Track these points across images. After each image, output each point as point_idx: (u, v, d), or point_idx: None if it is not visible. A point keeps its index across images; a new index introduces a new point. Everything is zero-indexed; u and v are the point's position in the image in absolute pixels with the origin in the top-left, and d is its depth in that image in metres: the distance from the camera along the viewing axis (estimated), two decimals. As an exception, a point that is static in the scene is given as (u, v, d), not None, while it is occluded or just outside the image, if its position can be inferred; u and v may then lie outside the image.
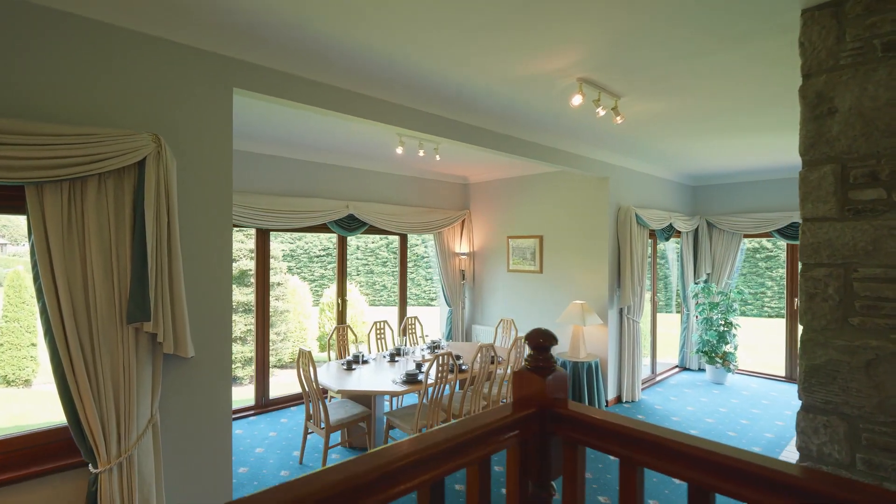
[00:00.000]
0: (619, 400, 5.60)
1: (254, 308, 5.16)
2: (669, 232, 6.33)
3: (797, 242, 6.30)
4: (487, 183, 6.82)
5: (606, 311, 5.38)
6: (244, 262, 9.87)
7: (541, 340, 0.91)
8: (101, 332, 2.03)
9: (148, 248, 2.07)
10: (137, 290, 2.05)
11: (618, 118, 3.35)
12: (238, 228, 5.34)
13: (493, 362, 4.31)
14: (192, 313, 2.37)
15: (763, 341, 10.98)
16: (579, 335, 5.28)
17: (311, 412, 3.85)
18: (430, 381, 3.76)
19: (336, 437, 4.31)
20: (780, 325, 12.87)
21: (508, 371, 4.30)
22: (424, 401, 3.70)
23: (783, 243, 12.93)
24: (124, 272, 2.07)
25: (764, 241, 13.35)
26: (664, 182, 6.48)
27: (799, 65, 2.13)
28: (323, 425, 3.70)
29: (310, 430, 3.93)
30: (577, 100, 2.98)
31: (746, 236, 6.74)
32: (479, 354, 3.96)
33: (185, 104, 2.36)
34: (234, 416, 4.92)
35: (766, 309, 14.16)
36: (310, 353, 3.61)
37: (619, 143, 4.77)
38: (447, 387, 4.41)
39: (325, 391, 4.22)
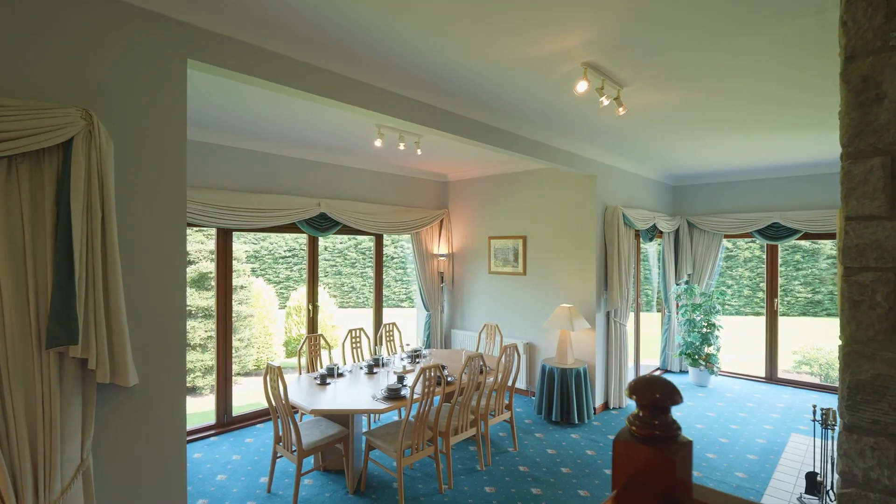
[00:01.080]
0: (606, 406, 5.39)
1: (214, 314, 4.67)
2: (653, 232, 6.19)
3: (777, 243, 6.29)
4: (468, 181, 6.51)
5: (594, 314, 5.16)
6: (204, 264, 9.22)
7: (657, 397, 0.60)
8: (12, 358, 1.59)
9: (75, 252, 1.64)
10: (61, 304, 1.62)
11: (620, 109, 3.09)
12: (196, 228, 4.84)
13: (481, 372, 4.00)
14: (135, 331, 1.94)
15: (730, 339, 11.13)
16: (567, 340, 5.03)
17: (281, 434, 3.43)
18: (415, 397, 3.41)
19: (309, 459, 3.90)
20: (742, 322, 13.18)
21: (497, 380, 4.00)
22: (409, 417, 3.34)
23: (742, 242, 13.27)
24: (43, 282, 1.64)
25: (725, 241, 13.61)
26: (647, 181, 6.34)
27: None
28: (294, 449, 3.29)
29: (279, 454, 3.50)
30: (582, 86, 2.70)
31: (727, 237, 6.70)
32: (467, 365, 3.64)
33: (128, 75, 1.92)
34: (192, 437, 4.42)
35: (727, 307, 14.49)
36: (279, 368, 3.19)
37: (612, 140, 4.55)
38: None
39: (296, 409, 3.80)
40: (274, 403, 3.35)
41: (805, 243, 12.91)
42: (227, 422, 4.69)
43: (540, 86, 3.08)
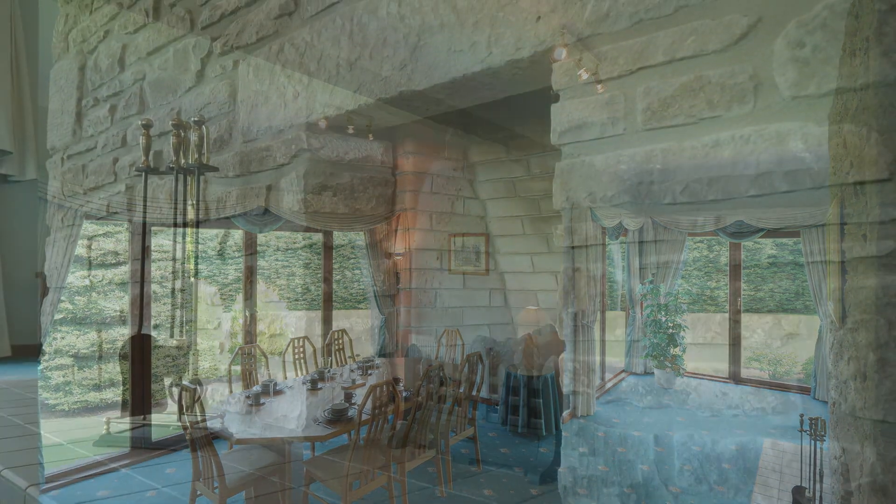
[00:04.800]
0: (574, 415, 5.06)
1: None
2: (619, 230, 5.95)
3: (741, 241, 6.19)
4: (426, 174, 6.03)
5: (561, 317, 4.82)
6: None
7: None
8: None
9: None
10: None
11: (599, 86, 2.73)
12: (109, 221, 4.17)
13: (442, 384, 3.55)
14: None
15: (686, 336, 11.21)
16: (533, 345, 4.67)
17: (201, 468, 2.84)
18: (364, 417, 2.92)
19: (241, 494, 3.32)
20: (693, 319, 13.44)
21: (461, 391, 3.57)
22: (359, 441, 2.85)
23: (691, 242, 13.60)
24: None
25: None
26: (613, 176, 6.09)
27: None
28: (217, 486, 2.72)
29: (199, 493, 2.92)
30: (559, 53, 2.31)
31: (691, 235, 6.56)
32: (426, 378, 3.19)
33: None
34: (98, 470, 3.73)
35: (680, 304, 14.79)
36: (195, 389, 2.62)
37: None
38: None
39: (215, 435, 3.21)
40: (191, 433, 2.76)
41: (748, 243, 13.32)
42: (145, 448, 4.01)
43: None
